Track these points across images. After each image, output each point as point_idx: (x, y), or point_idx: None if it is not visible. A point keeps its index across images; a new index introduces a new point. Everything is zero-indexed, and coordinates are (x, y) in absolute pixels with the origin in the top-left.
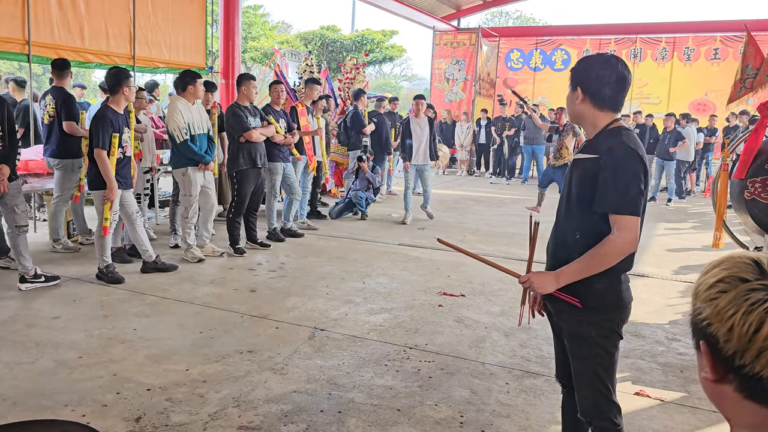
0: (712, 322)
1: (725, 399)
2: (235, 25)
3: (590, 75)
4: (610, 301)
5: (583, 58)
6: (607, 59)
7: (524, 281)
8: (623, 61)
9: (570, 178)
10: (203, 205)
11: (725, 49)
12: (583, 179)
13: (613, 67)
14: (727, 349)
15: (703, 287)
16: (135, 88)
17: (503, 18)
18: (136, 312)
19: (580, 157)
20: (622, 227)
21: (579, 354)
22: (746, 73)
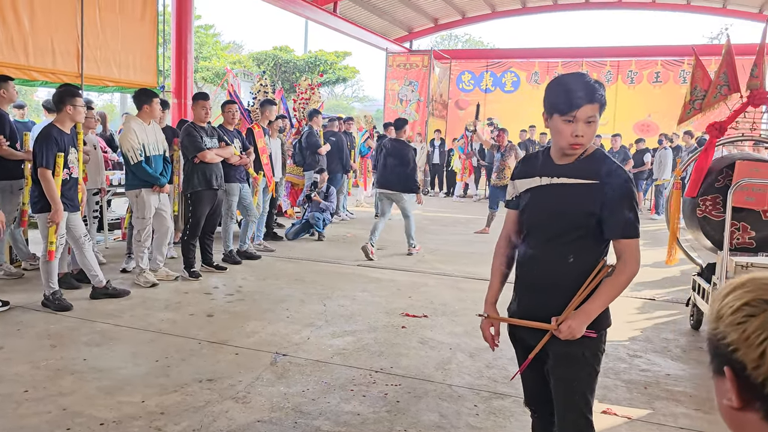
0: (740, 348)
1: (748, 427)
2: (188, 45)
3: (547, 93)
4: (604, 320)
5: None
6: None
7: (565, 334)
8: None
9: (550, 202)
10: (158, 228)
11: (666, 72)
12: (578, 205)
13: (560, 81)
14: (756, 375)
15: (727, 310)
16: (82, 108)
17: (453, 41)
18: (85, 341)
19: (566, 182)
20: (633, 250)
21: (569, 376)
22: (695, 94)
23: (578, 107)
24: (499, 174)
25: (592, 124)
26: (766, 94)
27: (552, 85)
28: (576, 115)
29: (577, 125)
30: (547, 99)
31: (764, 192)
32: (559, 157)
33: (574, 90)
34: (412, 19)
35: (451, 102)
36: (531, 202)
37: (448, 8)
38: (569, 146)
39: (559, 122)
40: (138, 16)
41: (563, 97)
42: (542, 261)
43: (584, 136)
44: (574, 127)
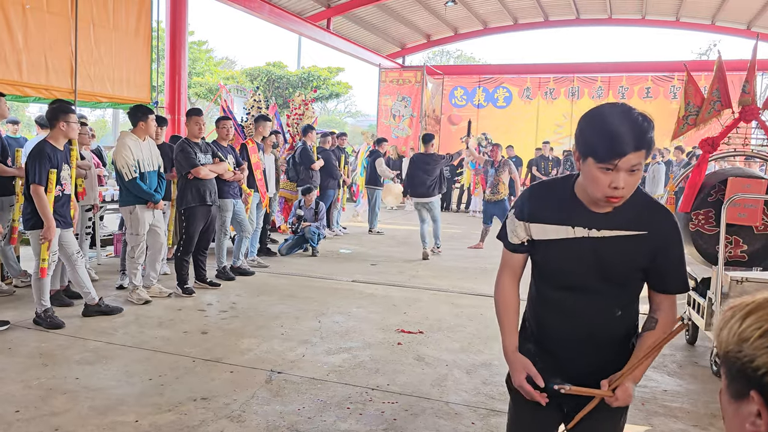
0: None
1: None
2: (181, 60)
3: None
4: None
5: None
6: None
7: (622, 401)
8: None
9: (589, 257)
10: (151, 245)
11: (656, 88)
12: (626, 261)
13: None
14: None
15: (754, 333)
16: (76, 124)
17: (444, 56)
18: (78, 359)
19: (613, 235)
20: (673, 302)
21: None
22: (688, 110)
23: (622, 156)
24: (493, 189)
25: (637, 173)
26: (757, 110)
27: (590, 121)
28: (618, 164)
29: (618, 175)
30: (581, 136)
31: (756, 208)
32: (593, 204)
33: (620, 133)
34: (405, 36)
35: (443, 117)
36: (561, 255)
37: (441, 25)
38: (605, 199)
39: (595, 169)
40: (132, 32)
41: (604, 140)
42: (581, 314)
43: (625, 187)
44: (614, 178)
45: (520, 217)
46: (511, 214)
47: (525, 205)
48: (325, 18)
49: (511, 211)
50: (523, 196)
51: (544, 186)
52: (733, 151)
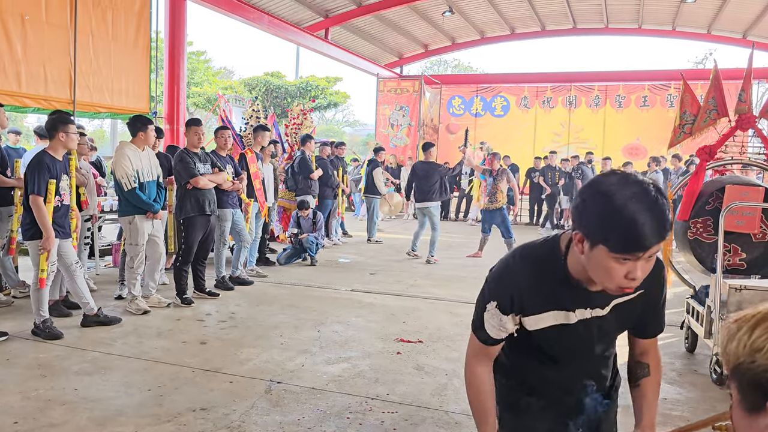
0: None
1: None
2: (180, 71)
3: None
4: None
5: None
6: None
7: None
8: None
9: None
10: (150, 255)
11: (653, 96)
12: (626, 322)
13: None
14: None
15: (765, 343)
16: (75, 135)
17: (442, 66)
18: (76, 370)
19: (615, 304)
20: (656, 342)
21: None
22: (684, 119)
23: (647, 249)
24: (491, 198)
25: (653, 258)
26: (753, 119)
27: (603, 203)
28: (641, 256)
29: (637, 264)
30: (589, 218)
31: (754, 216)
32: (591, 282)
33: (644, 223)
34: (403, 45)
35: (441, 126)
36: (558, 338)
37: (438, 34)
38: (618, 289)
39: (608, 259)
40: (131, 43)
41: (625, 231)
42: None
43: (643, 275)
44: (632, 268)
45: (506, 311)
46: (493, 308)
47: (511, 296)
48: (323, 28)
49: (491, 304)
50: (505, 284)
51: (528, 268)
52: (730, 160)
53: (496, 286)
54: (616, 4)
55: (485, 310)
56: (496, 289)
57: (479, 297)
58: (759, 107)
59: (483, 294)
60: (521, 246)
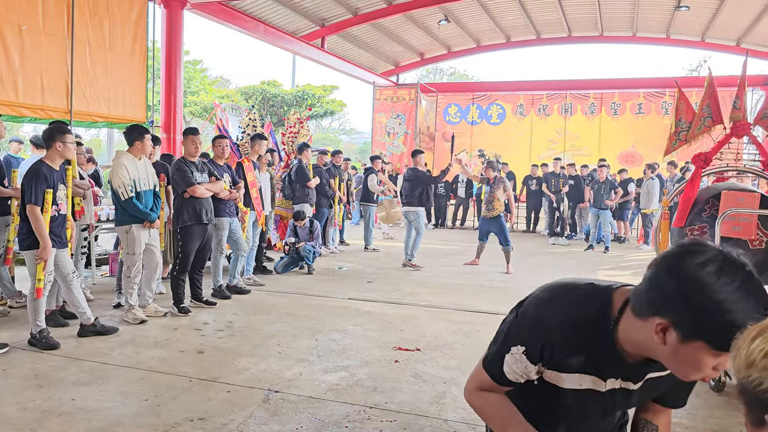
0: None
1: None
2: (177, 80)
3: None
4: None
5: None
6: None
7: None
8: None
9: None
10: (147, 264)
11: (648, 104)
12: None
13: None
14: None
15: (758, 355)
16: (72, 144)
17: (438, 74)
18: (73, 380)
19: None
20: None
21: None
22: (680, 126)
23: None
24: (489, 206)
25: None
26: (748, 126)
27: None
28: None
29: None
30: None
31: (750, 222)
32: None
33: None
34: (399, 54)
35: (438, 134)
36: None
37: (434, 43)
38: (700, 379)
39: (706, 355)
40: (128, 53)
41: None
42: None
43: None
44: (724, 360)
45: (534, 360)
46: (519, 352)
47: (542, 346)
48: (319, 37)
49: (517, 348)
50: (539, 332)
51: (569, 324)
52: (725, 166)
53: (528, 331)
54: (611, 12)
55: (509, 351)
56: (527, 333)
57: (503, 333)
58: (753, 114)
59: (508, 332)
60: (563, 287)
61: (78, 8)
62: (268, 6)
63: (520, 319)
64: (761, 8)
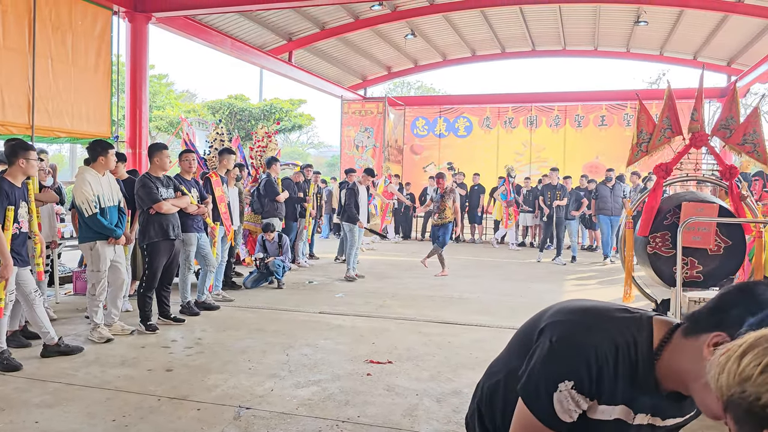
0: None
1: None
2: (142, 94)
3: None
4: None
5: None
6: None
7: None
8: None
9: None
10: (113, 281)
11: (610, 116)
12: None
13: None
14: None
15: (753, 371)
16: (35, 161)
17: (405, 88)
18: (37, 402)
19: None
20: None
21: None
22: (641, 137)
23: None
24: (441, 214)
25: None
26: (706, 137)
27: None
28: None
29: None
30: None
31: (709, 231)
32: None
33: None
34: (366, 68)
35: (406, 147)
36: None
37: (401, 57)
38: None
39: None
40: (91, 67)
41: None
42: None
43: None
44: None
45: (585, 392)
46: (568, 387)
47: (591, 377)
48: (286, 51)
49: (565, 384)
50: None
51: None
52: (685, 176)
53: (573, 361)
54: (573, 27)
55: (556, 390)
56: (572, 364)
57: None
58: (711, 125)
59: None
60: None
61: (40, 22)
62: (234, 20)
63: (558, 349)
64: (716, 24)
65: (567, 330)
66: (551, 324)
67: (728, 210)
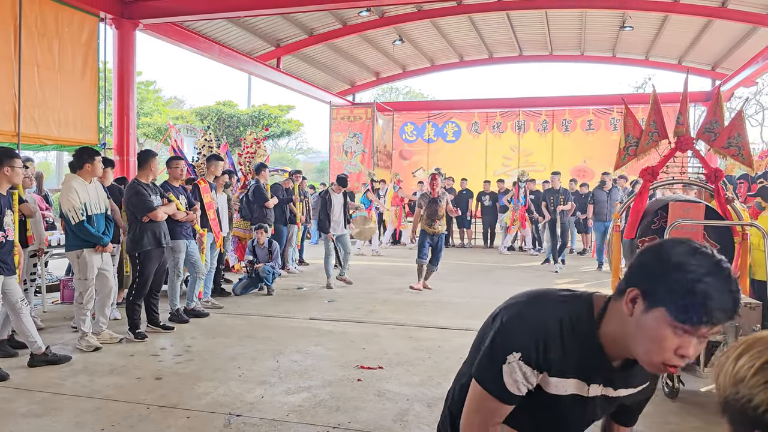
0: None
1: None
2: (130, 101)
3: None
4: None
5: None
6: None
7: None
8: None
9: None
10: (100, 289)
11: (597, 120)
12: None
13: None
14: None
15: (747, 372)
16: (21, 169)
17: (394, 93)
18: (24, 412)
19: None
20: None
21: None
22: (629, 141)
23: (715, 324)
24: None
25: (704, 341)
26: (691, 140)
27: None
28: (704, 331)
29: (692, 341)
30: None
31: (697, 231)
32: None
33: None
34: (354, 73)
35: (395, 152)
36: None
37: (389, 62)
38: (661, 366)
39: (665, 326)
40: (78, 74)
41: (699, 299)
42: None
43: (694, 355)
44: (686, 344)
45: (532, 363)
46: (516, 359)
47: (537, 348)
48: (275, 57)
49: (512, 355)
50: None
51: (557, 324)
52: (671, 179)
53: (518, 334)
54: (559, 33)
55: (505, 362)
56: (518, 337)
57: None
58: (696, 129)
59: (495, 343)
60: (544, 292)
61: (26, 29)
62: (222, 27)
63: (506, 326)
64: (700, 28)
65: (515, 310)
66: (503, 309)
67: (714, 210)
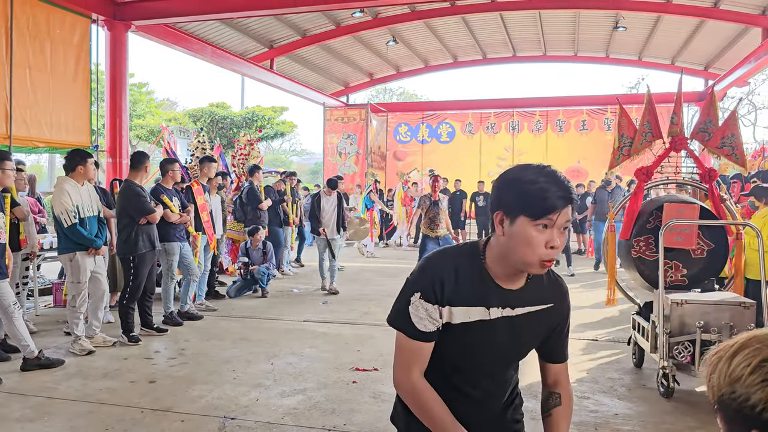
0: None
1: None
2: (122, 103)
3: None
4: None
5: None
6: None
7: None
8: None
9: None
10: (93, 292)
11: (591, 120)
12: (533, 336)
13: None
14: None
15: (743, 371)
16: (12, 171)
17: (387, 94)
18: (17, 417)
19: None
20: (567, 372)
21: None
22: (623, 141)
23: (560, 209)
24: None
25: (566, 232)
26: (685, 140)
27: (516, 180)
28: (556, 219)
29: (554, 232)
30: (507, 196)
31: (691, 232)
32: (507, 278)
33: (553, 187)
34: (348, 74)
35: (389, 153)
36: (475, 339)
37: (383, 63)
38: (540, 263)
39: (531, 228)
40: (70, 76)
41: (539, 196)
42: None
43: (561, 244)
44: (550, 237)
45: (431, 299)
46: (417, 298)
47: (433, 286)
48: (268, 58)
49: (415, 296)
50: (428, 274)
51: (449, 262)
52: (666, 180)
53: (417, 277)
54: (553, 33)
55: (409, 303)
56: (417, 280)
57: (400, 295)
58: (690, 129)
59: (404, 290)
60: (440, 248)
61: (17, 31)
62: (215, 28)
63: (410, 277)
64: (692, 29)
65: (417, 265)
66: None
67: (709, 211)
